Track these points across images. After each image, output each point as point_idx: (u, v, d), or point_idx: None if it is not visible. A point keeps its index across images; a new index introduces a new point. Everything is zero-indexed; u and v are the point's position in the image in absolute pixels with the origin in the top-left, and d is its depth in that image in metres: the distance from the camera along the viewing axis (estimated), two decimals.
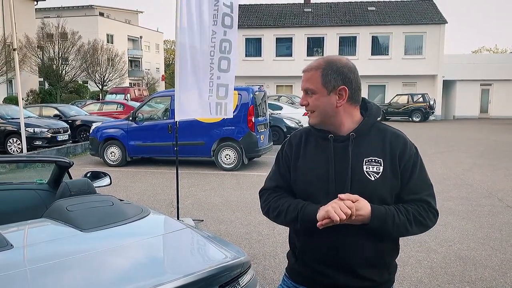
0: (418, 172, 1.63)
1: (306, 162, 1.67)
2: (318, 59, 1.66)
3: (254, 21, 30.62)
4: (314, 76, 1.62)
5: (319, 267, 1.64)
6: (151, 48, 59.39)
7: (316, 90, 1.62)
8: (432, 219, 1.64)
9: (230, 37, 5.56)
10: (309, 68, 1.65)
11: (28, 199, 3.30)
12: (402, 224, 1.55)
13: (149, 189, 7.95)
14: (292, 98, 23.05)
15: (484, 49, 65.79)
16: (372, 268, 1.62)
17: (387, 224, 1.53)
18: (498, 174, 9.19)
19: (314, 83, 1.62)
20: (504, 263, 4.39)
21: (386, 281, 1.68)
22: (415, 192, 1.62)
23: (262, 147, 10.07)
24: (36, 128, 12.69)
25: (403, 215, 1.56)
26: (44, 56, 30.22)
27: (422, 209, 1.60)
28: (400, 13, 29.76)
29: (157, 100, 12.63)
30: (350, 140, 1.61)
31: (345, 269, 1.61)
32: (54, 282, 1.72)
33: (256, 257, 4.53)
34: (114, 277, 1.83)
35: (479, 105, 29.51)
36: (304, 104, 1.66)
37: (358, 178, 1.58)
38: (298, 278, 1.72)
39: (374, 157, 1.60)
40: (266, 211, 1.75)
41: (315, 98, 1.63)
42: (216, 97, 5.58)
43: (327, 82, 1.61)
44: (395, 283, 1.75)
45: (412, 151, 1.64)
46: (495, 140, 15.64)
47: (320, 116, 1.64)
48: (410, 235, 1.64)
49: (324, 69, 1.61)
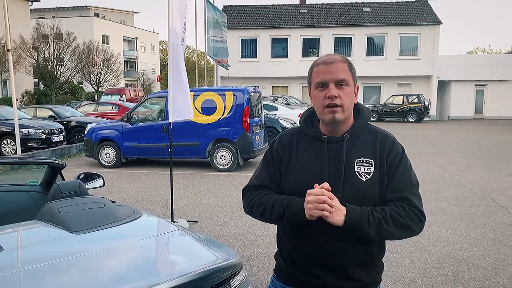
0: (402, 170, 1.61)
1: (299, 162, 1.65)
2: (331, 55, 1.62)
3: (249, 22, 30.65)
4: (344, 68, 1.58)
5: (308, 268, 1.63)
6: (147, 49, 59.27)
7: (349, 82, 1.58)
8: (415, 219, 1.57)
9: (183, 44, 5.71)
10: (335, 60, 1.59)
11: (20, 200, 3.29)
12: (377, 223, 1.51)
13: (144, 190, 7.93)
14: (287, 99, 23.08)
15: (479, 50, 66.09)
16: (361, 269, 1.62)
17: (362, 223, 1.51)
18: (492, 174, 9.24)
19: (347, 74, 1.58)
20: (497, 263, 4.41)
21: (374, 281, 1.68)
22: (398, 190, 1.59)
23: (258, 147, 10.07)
24: (30, 129, 12.63)
25: (378, 213, 1.53)
26: (39, 57, 30.06)
27: (402, 209, 1.55)
28: (395, 14, 29.88)
29: (152, 101, 12.61)
30: (344, 141, 1.61)
31: (334, 270, 1.61)
32: (44, 285, 1.71)
33: (250, 258, 4.53)
34: (105, 278, 1.82)
35: (474, 105, 29.66)
36: (336, 95, 1.55)
37: (350, 179, 1.58)
38: (287, 279, 1.71)
39: (365, 158, 1.60)
40: (249, 209, 1.70)
41: (349, 91, 1.58)
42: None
43: (354, 76, 1.61)
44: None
45: (398, 150, 1.63)
46: (489, 141, 15.71)
47: (347, 110, 1.60)
48: (393, 238, 1.59)
49: (349, 63, 1.61)
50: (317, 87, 1.59)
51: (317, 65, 1.62)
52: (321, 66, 1.60)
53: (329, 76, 1.56)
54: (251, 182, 1.76)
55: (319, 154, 1.62)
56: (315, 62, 1.65)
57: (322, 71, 1.58)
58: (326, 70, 1.57)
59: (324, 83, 1.57)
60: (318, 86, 1.59)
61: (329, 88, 1.56)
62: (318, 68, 1.60)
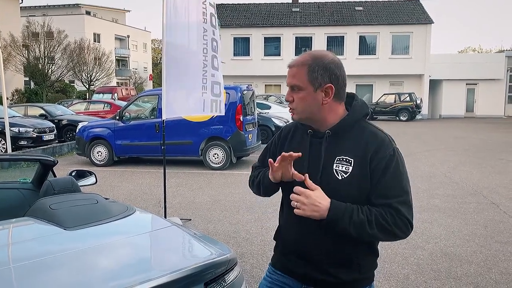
0: (391, 175, 1.53)
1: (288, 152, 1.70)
2: (304, 54, 1.62)
3: (242, 21, 30.61)
4: (300, 72, 1.58)
5: (291, 256, 1.70)
6: (139, 47, 58.92)
7: (303, 87, 1.58)
8: (401, 226, 1.52)
9: (216, 36, 5.63)
10: (295, 63, 1.61)
11: (11, 198, 3.25)
12: (359, 223, 1.48)
13: (136, 189, 7.89)
14: (280, 98, 23.08)
15: (470, 49, 66.61)
16: (338, 266, 1.61)
17: (343, 219, 1.49)
18: (483, 171, 9.31)
19: (301, 79, 1.58)
20: (489, 259, 4.45)
21: (357, 280, 1.64)
22: (384, 196, 1.53)
23: (251, 146, 10.06)
24: (21, 127, 12.51)
25: (363, 214, 1.49)
26: (30, 55, 29.78)
27: (389, 215, 1.51)
28: (387, 13, 30.01)
29: (144, 99, 12.54)
30: (325, 137, 1.61)
31: (312, 262, 1.64)
32: (36, 281, 1.68)
33: (244, 256, 4.52)
34: (98, 275, 1.80)
35: (465, 104, 29.91)
36: (289, 100, 1.63)
37: (327, 176, 1.57)
38: (276, 263, 1.79)
39: (345, 156, 1.57)
40: (250, 184, 1.89)
41: (302, 95, 1.60)
42: (211, 94, 5.60)
43: (314, 79, 1.57)
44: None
45: (387, 153, 1.55)
46: (480, 139, 15.84)
47: (304, 112, 1.63)
48: (374, 239, 1.58)
49: (310, 65, 1.57)
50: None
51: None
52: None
53: (288, 79, 1.64)
54: (254, 164, 1.96)
55: (304, 148, 1.65)
56: None
57: (288, 73, 1.65)
58: (288, 72, 1.64)
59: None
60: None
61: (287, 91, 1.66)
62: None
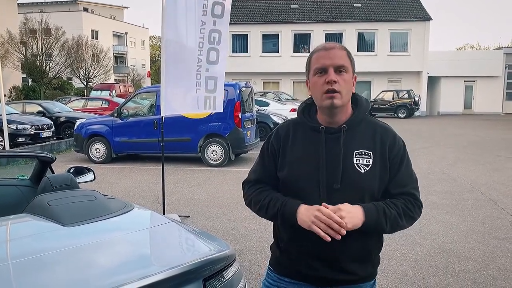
0: (405, 165, 1.64)
1: (295, 153, 1.63)
2: (331, 42, 1.62)
3: (240, 17, 30.52)
4: (344, 54, 1.58)
5: (304, 260, 1.62)
6: (137, 44, 58.77)
7: (349, 69, 1.58)
8: (418, 211, 1.65)
9: (220, 27, 5.39)
10: (335, 46, 1.58)
11: (9, 195, 3.24)
12: (393, 219, 1.55)
13: (134, 186, 7.88)
14: (279, 95, 23.06)
15: (468, 47, 66.60)
16: (357, 263, 1.61)
17: (379, 219, 1.53)
18: (481, 168, 9.33)
19: (346, 61, 1.58)
20: (486, 255, 4.46)
21: (369, 275, 1.67)
22: (402, 185, 1.62)
23: (249, 143, 10.05)
24: (19, 124, 12.47)
25: (393, 209, 1.56)
26: (27, 52, 29.66)
27: (409, 202, 1.61)
28: (385, 10, 29.96)
29: (142, 96, 12.51)
30: (342, 132, 1.59)
31: (329, 262, 1.60)
32: (34, 278, 1.68)
33: (243, 252, 4.52)
34: (96, 271, 1.80)
35: (463, 101, 29.91)
36: (335, 80, 1.53)
37: (349, 170, 1.56)
38: (283, 270, 1.70)
39: (364, 150, 1.59)
40: (248, 203, 1.75)
41: (347, 78, 1.57)
42: (204, 91, 5.43)
43: (353, 64, 1.61)
44: (379, 275, 1.76)
45: (400, 145, 1.64)
46: (478, 136, 15.87)
47: (347, 96, 1.59)
48: (400, 230, 1.63)
49: (348, 51, 1.61)
50: (316, 73, 1.58)
51: (317, 51, 1.61)
52: (321, 52, 1.59)
53: (329, 61, 1.55)
54: (249, 176, 1.78)
55: (316, 145, 1.60)
56: (315, 49, 1.64)
57: (322, 56, 1.57)
58: (326, 55, 1.56)
59: (323, 69, 1.56)
60: (317, 72, 1.58)
61: (328, 73, 1.55)
62: (318, 54, 1.59)
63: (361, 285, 1.65)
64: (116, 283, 1.61)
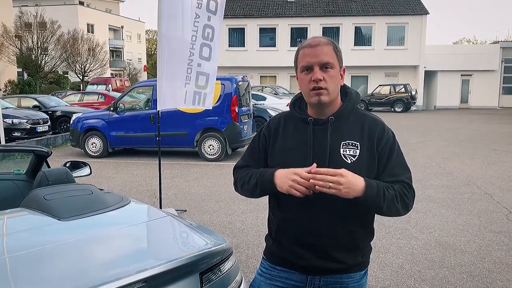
0: (396, 155, 1.64)
1: (284, 144, 1.68)
2: (317, 37, 1.62)
3: (237, 11, 30.39)
4: (329, 49, 1.58)
5: (294, 248, 1.66)
6: (133, 38, 58.41)
7: (334, 65, 1.59)
8: (411, 200, 1.65)
9: (214, 23, 5.37)
10: (320, 42, 1.59)
11: (5, 189, 3.23)
12: (391, 199, 1.56)
13: (131, 180, 7.87)
14: (275, 89, 23.03)
15: (465, 41, 66.62)
16: (344, 251, 1.64)
17: (379, 195, 1.53)
18: (477, 162, 9.37)
19: (332, 56, 1.59)
20: (482, 249, 4.49)
21: (359, 263, 1.69)
22: (395, 175, 1.63)
23: (246, 137, 10.04)
24: (14, 119, 12.41)
25: (391, 190, 1.57)
26: (22, 46, 29.46)
27: (404, 188, 1.62)
28: (382, 4, 29.89)
29: (138, 90, 12.47)
30: (329, 123, 1.62)
31: (318, 251, 1.63)
32: (31, 272, 1.68)
33: (240, 246, 4.53)
34: (93, 264, 1.79)
35: (460, 95, 29.96)
36: (320, 78, 1.55)
37: (335, 161, 1.58)
38: (275, 259, 1.74)
39: (351, 141, 1.61)
40: (235, 186, 1.80)
41: (333, 74, 1.58)
42: (194, 86, 5.34)
43: (339, 58, 1.62)
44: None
45: (389, 135, 1.64)
46: (474, 130, 15.92)
47: (334, 92, 1.61)
48: (394, 215, 1.63)
49: (333, 44, 1.61)
50: (303, 71, 1.61)
51: (302, 48, 1.62)
52: (306, 49, 1.60)
53: (314, 59, 1.57)
54: (238, 162, 1.85)
55: (305, 136, 1.63)
56: (301, 45, 1.64)
57: (308, 54, 1.59)
58: (311, 53, 1.58)
59: (309, 67, 1.58)
60: (303, 70, 1.60)
61: (314, 71, 1.57)
62: (304, 51, 1.61)
63: (351, 274, 1.67)
64: (112, 277, 1.60)
